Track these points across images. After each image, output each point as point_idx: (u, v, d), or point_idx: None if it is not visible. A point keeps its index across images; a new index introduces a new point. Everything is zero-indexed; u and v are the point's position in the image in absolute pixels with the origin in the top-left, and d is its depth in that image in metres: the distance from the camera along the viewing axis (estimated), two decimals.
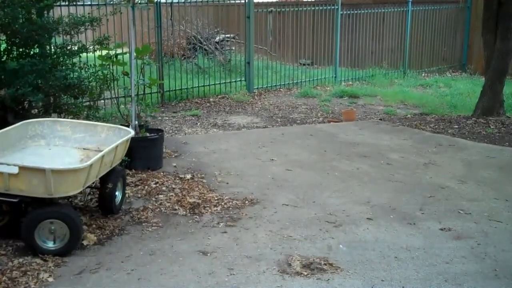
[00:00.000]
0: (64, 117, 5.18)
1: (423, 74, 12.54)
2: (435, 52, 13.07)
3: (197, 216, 4.16)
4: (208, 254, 3.53)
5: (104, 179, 4.04)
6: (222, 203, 4.42)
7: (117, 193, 4.18)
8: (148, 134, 5.34)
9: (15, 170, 3.29)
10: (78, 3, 6.43)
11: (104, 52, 5.59)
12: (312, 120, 7.93)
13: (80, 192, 3.83)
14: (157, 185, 4.79)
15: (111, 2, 7.06)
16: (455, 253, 3.60)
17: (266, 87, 10.31)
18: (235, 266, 3.38)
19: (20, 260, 3.38)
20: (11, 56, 4.99)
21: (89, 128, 4.32)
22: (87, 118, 5.40)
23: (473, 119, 7.63)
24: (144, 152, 5.15)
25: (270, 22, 13.13)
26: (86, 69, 5.53)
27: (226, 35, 12.30)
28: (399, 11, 12.09)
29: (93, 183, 3.98)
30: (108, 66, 5.67)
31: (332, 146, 6.22)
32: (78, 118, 5.22)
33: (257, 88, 10.09)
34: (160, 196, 4.56)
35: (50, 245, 3.45)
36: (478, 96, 7.97)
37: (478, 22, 10.90)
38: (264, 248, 3.63)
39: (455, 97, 9.52)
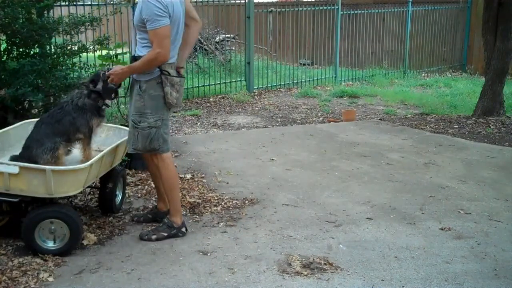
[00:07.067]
0: None
1: (423, 74, 12.54)
2: (435, 52, 13.08)
3: (197, 216, 4.16)
4: (208, 254, 3.53)
5: (104, 179, 4.04)
6: (222, 203, 4.42)
7: (117, 192, 4.19)
8: None
9: (15, 170, 3.29)
10: (78, 3, 6.44)
11: (104, 52, 5.59)
12: (312, 120, 7.94)
13: (80, 192, 3.83)
14: None
15: (111, 2, 7.06)
16: (455, 253, 3.60)
17: (266, 87, 10.31)
18: (235, 266, 3.38)
19: (20, 259, 3.37)
20: (11, 56, 4.99)
21: None
22: None
23: (473, 119, 7.63)
24: None
25: (270, 22, 13.13)
26: (86, 69, 5.53)
27: (226, 35, 12.30)
28: (399, 11, 12.10)
29: (93, 183, 3.98)
30: (108, 66, 5.67)
31: (332, 146, 6.22)
32: None
33: (257, 88, 10.09)
34: None
35: (50, 244, 3.45)
36: (478, 96, 7.98)
37: (478, 22, 10.91)
38: (264, 248, 3.63)
39: (455, 97, 9.53)
